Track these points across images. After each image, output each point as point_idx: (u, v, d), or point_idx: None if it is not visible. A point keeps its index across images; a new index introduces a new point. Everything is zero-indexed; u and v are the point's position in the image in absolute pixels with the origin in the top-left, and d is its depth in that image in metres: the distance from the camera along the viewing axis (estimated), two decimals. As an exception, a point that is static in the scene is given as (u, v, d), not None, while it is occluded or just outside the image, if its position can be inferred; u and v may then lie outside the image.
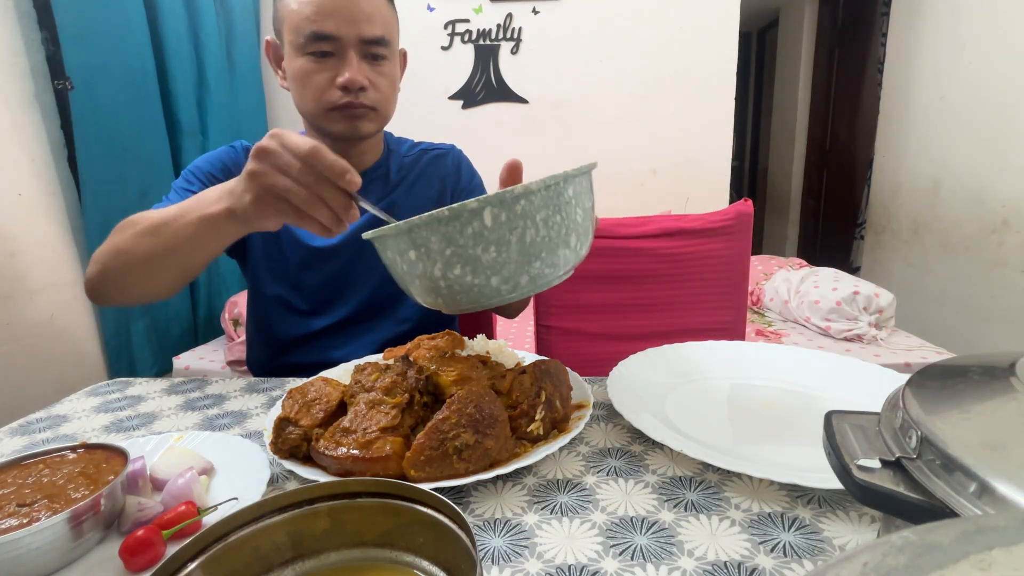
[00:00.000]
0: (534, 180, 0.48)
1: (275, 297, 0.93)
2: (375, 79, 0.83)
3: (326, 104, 0.82)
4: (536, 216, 0.48)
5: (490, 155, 1.36)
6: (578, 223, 0.51)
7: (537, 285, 0.51)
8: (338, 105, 0.82)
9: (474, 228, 0.47)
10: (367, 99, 0.83)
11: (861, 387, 0.65)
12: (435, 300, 0.53)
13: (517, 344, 1.88)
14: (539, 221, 0.48)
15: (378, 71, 0.84)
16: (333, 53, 0.80)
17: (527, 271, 0.49)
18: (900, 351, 1.75)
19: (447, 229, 0.47)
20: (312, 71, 0.81)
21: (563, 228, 0.50)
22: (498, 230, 0.47)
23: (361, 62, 0.81)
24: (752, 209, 1.17)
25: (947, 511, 0.25)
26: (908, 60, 2.71)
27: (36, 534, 0.40)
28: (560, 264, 0.51)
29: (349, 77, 0.79)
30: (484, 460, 0.51)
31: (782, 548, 0.42)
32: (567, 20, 2.55)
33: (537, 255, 0.49)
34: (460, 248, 0.48)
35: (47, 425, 0.70)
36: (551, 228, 0.49)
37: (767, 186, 4.81)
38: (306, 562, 0.33)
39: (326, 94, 0.82)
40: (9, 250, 1.49)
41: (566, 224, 0.50)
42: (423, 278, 0.50)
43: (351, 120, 0.84)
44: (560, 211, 0.49)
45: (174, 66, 1.92)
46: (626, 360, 0.73)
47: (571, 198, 0.50)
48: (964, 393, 0.31)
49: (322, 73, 0.81)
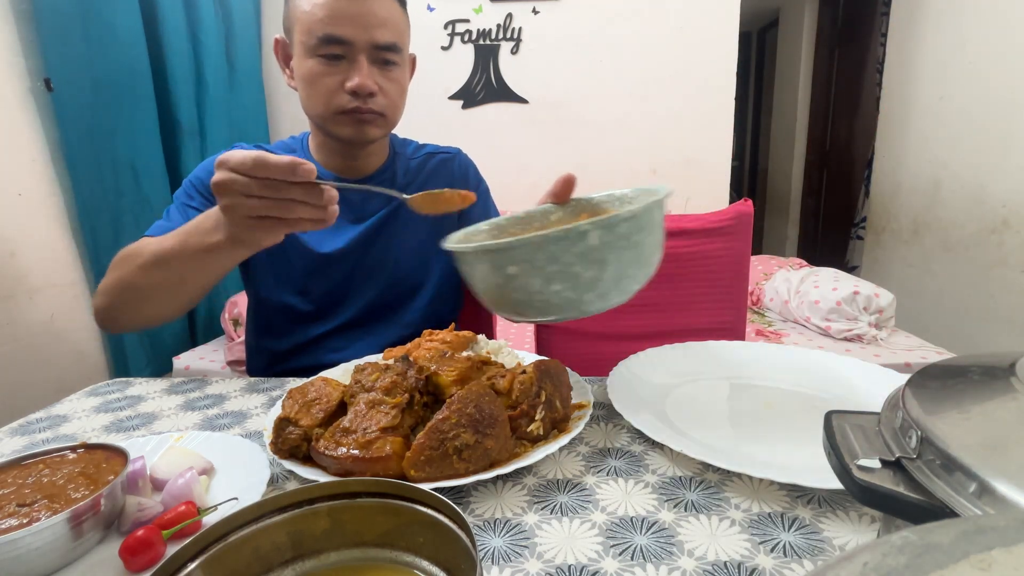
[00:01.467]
0: (633, 207, 0.51)
1: (280, 304, 0.92)
2: (385, 85, 0.83)
3: (335, 108, 0.81)
4: (632, 237, 0.52)
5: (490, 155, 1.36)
6: (660, 241, 0.56)
7: (623, 298, 0.56)
8: (346, 109, 0.81)
9: (580, 248, 0.50)
10: (376, 105, 0.82)
11: (861, 387, 0.65)
12: (519, 312, 0.56)
13: (517, 344, 1.88)
14: (635, 242, 0.52)
15: (388, 77, 0.83)
16: (344, 56, 0.79)
17: (618, 286, 0.54)
18: (900, 351, 1.75)
19: (555, 248, 0.50)
20: (322, 73, 0.80)
21: (651, 247, 0.55)
22: (602, 250, 0.51)
23: (371, 67, 0.81)
24: (752, 209, 1.17)
25: (947, 511, 0.25)
26: (908, 60, 2.71)
27: (36, 534, 0.40)
28: (642, 278, 0.56)
29: (359, 82, 0.79)
30: (484, 460, 0.51)
31: (782, 548, 0.42)
32: (567, 20, 2.55)
33: (629, 274, 0.54)
34: (564, 266, 0.51)
35: (47, 425, 0.70)
36: (642, 248, 0.53)
37: (767, 186, 4.81)
38: (306, 562, 0.33)
39: (335, 97, 0.81)
40: (9, 250, 1.49)
41: (652, 243, 0.55)
42: (520, 291, 0.53)
43: (358, 125, 0.83)
44: (652, 232, 0.54)
45: (173, 66, 1.91)
46: (626, 360, 0.73)
47: (658, 221, 0.55)
48: (964, 393, 0.31)
49: (332, 76, 0.80)
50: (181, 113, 1.96)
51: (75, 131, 1.61)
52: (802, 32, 3.85)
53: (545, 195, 0.72)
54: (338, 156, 0.92)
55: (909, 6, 2.71)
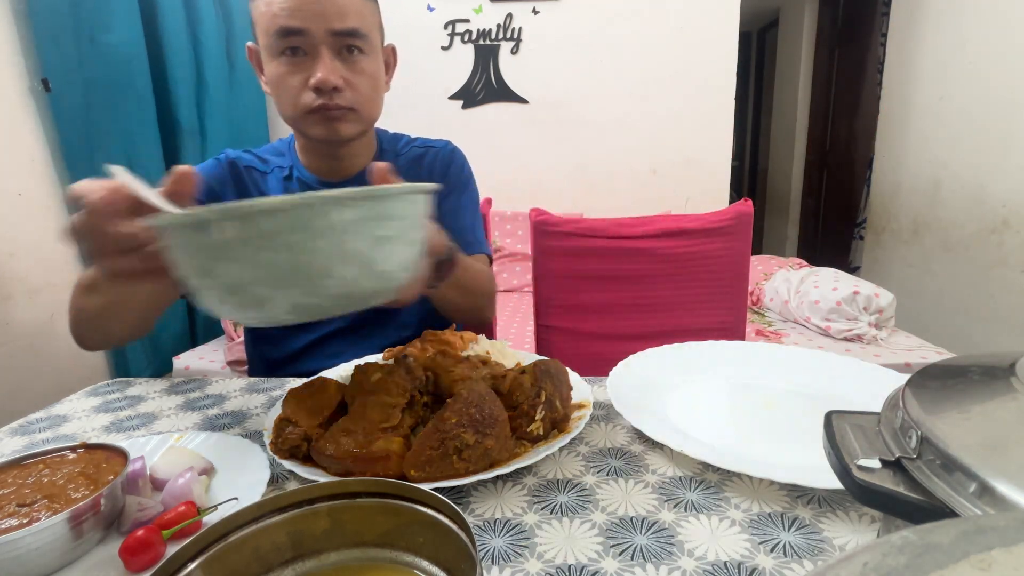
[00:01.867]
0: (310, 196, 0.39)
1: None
2: (352, 78, 0.78)
3: (302, 108, 0.78)
4: (280, 238, 0.39)
5: (490, 155, 1.36)
6: (359, 253, 0.42)
7: (304, 314, 0.44)
8: (313, 108, 0.77)
9: (214, 238, 0.39)
10: (343, 100, 0.78)
11: (861, 387, 0.65)
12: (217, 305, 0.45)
13: (517, 344, 1.88)
14: (285, 244, 0.39)
15: (355, 68, 0.78)
16: (306, 52, 0.76)
17: (284, 296, 0.42)
18: (900, 351, 1.75)
19: (191, 235, 0.40)
20: (285, 73, 0.77)
21: (322, 254, 0.41)
22: (238, 247, 0.39)
23: (335, 60, 0.76)
24: (752, 209, 1.17)
25: (947, 511, 0.25)
26: (908, 60, 2.71)
27: (36, 534, 0.40)
28: (326, 294, 0.43)
29: (321, 77, 0.75)
30: (484, 460, 0.51)
31: (782, 548, 0.42)
32: (567, 20, 2.55)
33: (291, 282, 0.41)
34: (210, 253, 0.40)
35: (47, 425, 0.70)
36: (300, 254, 0.40)
37: (767, 186, 4.81)
38: (306, 562, 0.33)
39: (300, 97, 0.77)
40: (9, 250, 1.50)
41: (332, 253, 0.41)
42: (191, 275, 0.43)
43: (328, 123, 0.79)
44: (323, 237, 0.40)
45: (173, 66, 1.92)
46: (626, 360, 0.73)
47: (327, 225, 0.40)
48: (964, 393, 0.31)
49: (295, 75, 0.77)
50: (181, 113, 1.96)
51: (74, 131, 1.61)
52: (802, 32, 3.85)
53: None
54: (320, 157, 0.89)
55: (909, 6, 2.71)
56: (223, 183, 0.89)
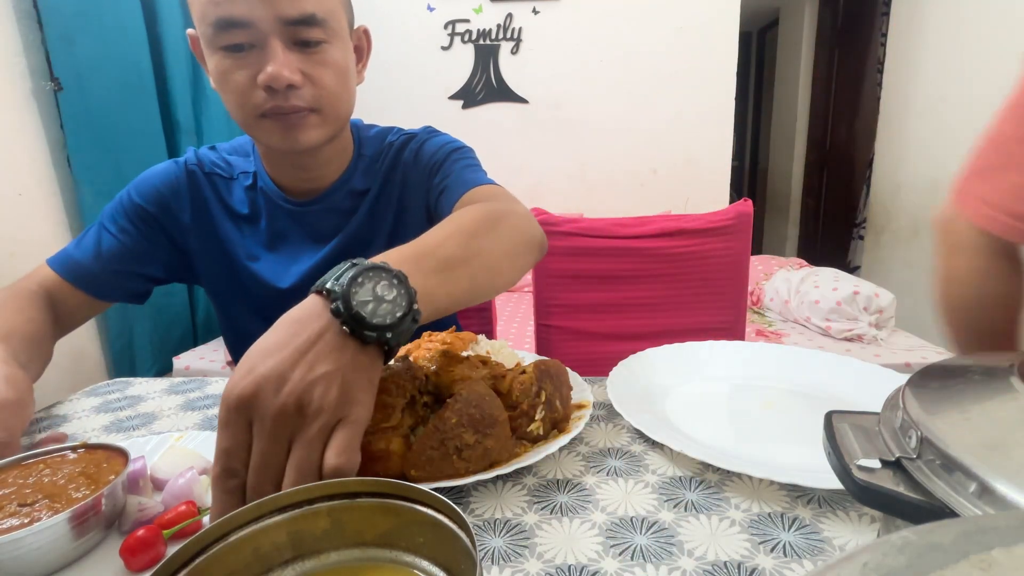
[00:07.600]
0: None
1: (256, 331, 0.84)
2: (312, 71, 0.64)
3: (251, 110, 0.64)
4: None
5: (490, 155, 1.36)
6: None
7: None
8: (265, 111, 0.64)
9: None
10: (301, 99, 0.64)
11: (861, 387, 0.65)
12: None
13: (517, 344, 1.88)
14: None
15: (316, 60, 0.64)
16: (253, 44, 0.62)
17: None
18: (900, 351, 1.75)
19: None
20: (228, 69, 0.63)
21: None
22: None
23: (289, 52, 0.62)
24: (752, 209, 1.17)
25: (947, 511, 0.25)
26: (908, 60, 2.71)
27: (37, 534, 0.40)
28: None
29: (271, 72, 0.61)
30: (484, 460, 0.51)
31: (782, 548, 0.42)
32: (567, 20, 2.55)
33: None
34: None
35: (47, 425, 0.70)
36: None
37: (767, 186, 4.81)
38: (306, 562, 0.33)
39: (249, 97, 0.63)
40: (9, 250, 1.50)
41: None
42: None
43: (286, 131, 0.65)
44: None
45: (171, 65, 1.92)
46: (626, 360, 0.73)
47: None
48: (964, 393, 0.31)
49: (241, 71, 0.62)
50: (179, 112, 1.97)
51: (80, 130, 1.62)
52: (802, 32, 3.85)
53: None
54: (282, 168, 0.76)
55: (909, 6, 2.71)
56: (177, 193, 0.79)
